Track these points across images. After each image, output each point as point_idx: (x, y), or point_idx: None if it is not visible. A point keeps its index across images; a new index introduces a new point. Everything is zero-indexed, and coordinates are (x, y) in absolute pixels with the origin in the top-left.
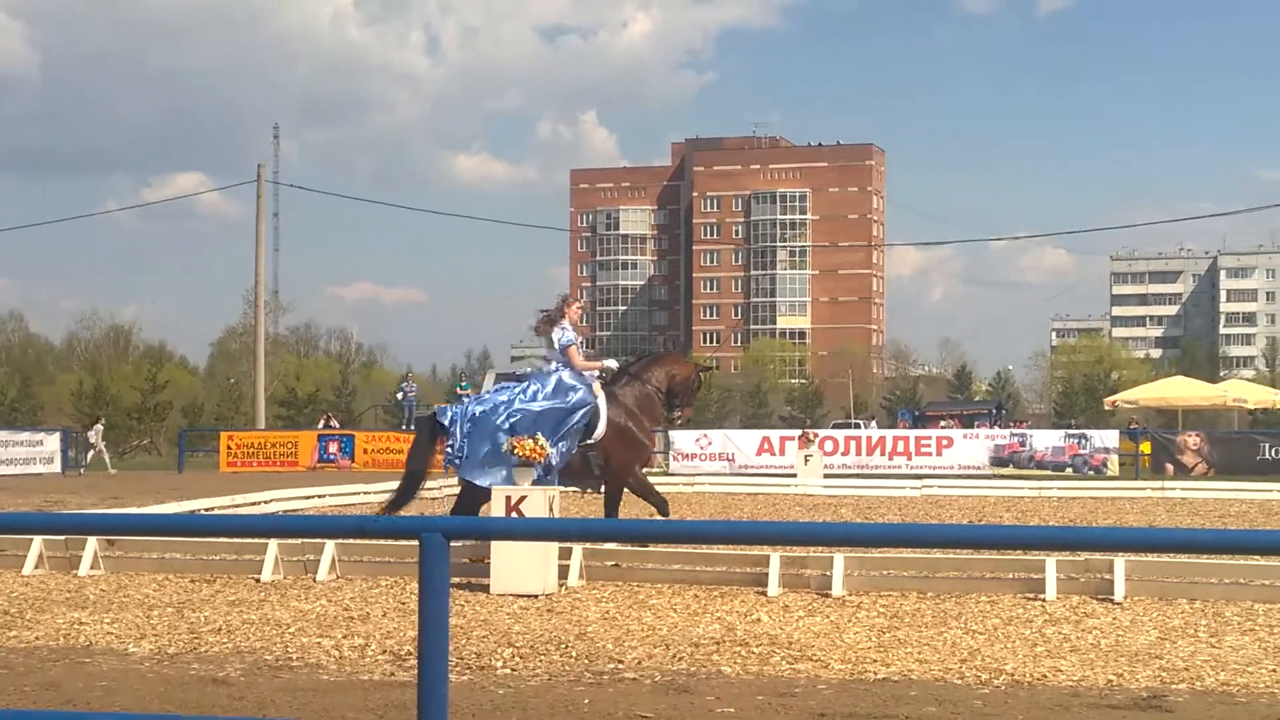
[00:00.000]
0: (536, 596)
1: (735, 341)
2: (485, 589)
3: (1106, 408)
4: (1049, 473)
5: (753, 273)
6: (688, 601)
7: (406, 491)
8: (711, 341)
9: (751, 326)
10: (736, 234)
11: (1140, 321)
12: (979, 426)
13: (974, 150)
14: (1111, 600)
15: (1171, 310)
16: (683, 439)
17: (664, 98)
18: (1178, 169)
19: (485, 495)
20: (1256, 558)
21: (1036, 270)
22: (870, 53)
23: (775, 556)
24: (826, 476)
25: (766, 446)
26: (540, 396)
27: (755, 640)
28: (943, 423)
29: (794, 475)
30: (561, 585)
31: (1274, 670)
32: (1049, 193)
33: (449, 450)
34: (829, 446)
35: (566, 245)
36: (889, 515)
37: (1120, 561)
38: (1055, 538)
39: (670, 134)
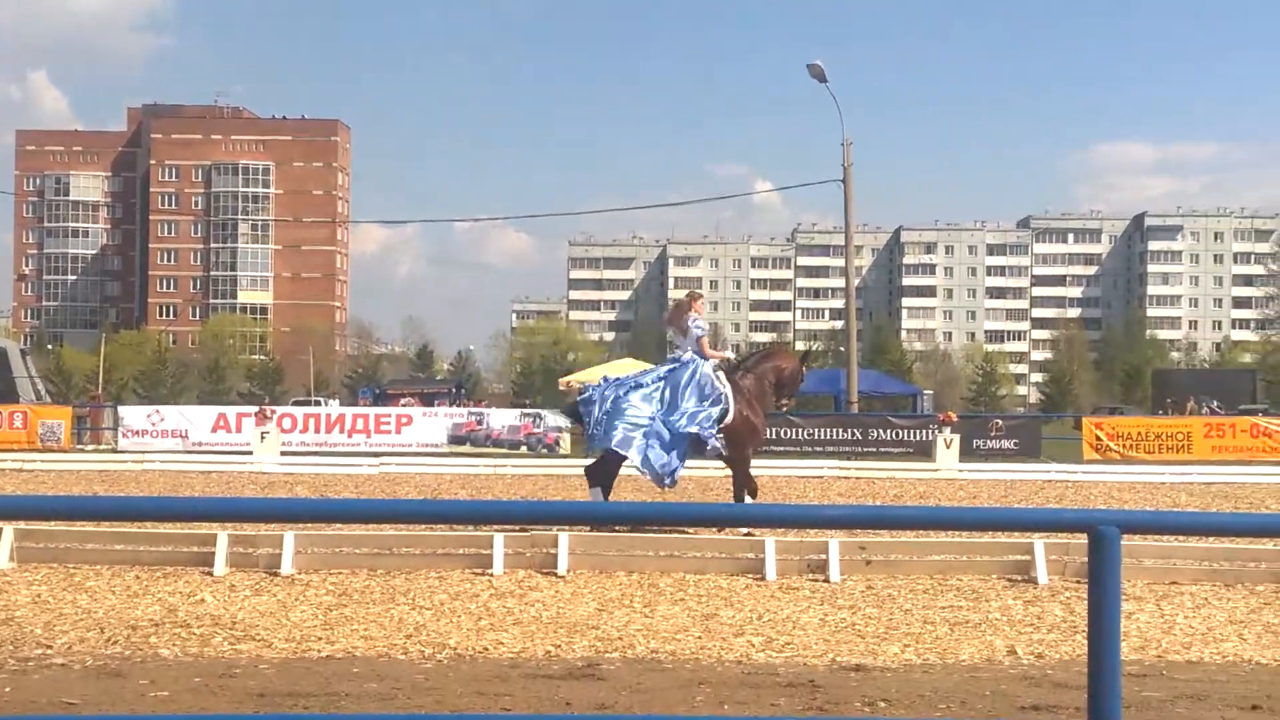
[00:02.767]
0: None
1: (193, 315)
2: None
3: (561, 388)
4: (505, 451)
5: (213, 245)
6: (128, 583)
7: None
8: (168, 315)
9: (211, 300)
10: (196, 205)
11: (595, 305)
12: (439, 405)
13: (444, 131)
14: (555, 574)
15: (624, 295)
16: (132, 415)
17: (121, 60)
18: (635, 160)
19: (617, 462)
20: (689, 530)
21: (500, 253)
22: (338, 27)
23: (223, 535)
24: (284, 454)
25: (223, 423)
26: (682, 386)
27: (197, 621)
28: (403, 401)
29: (250, 453)
30: None
31: (700, 637)
32: (515, 178)
33: (589, 426)
34: (287, 424)
35: (11, 210)
36: (344, 492)
37: (564, 536)
38: (505, 512)
39: (127, 99)
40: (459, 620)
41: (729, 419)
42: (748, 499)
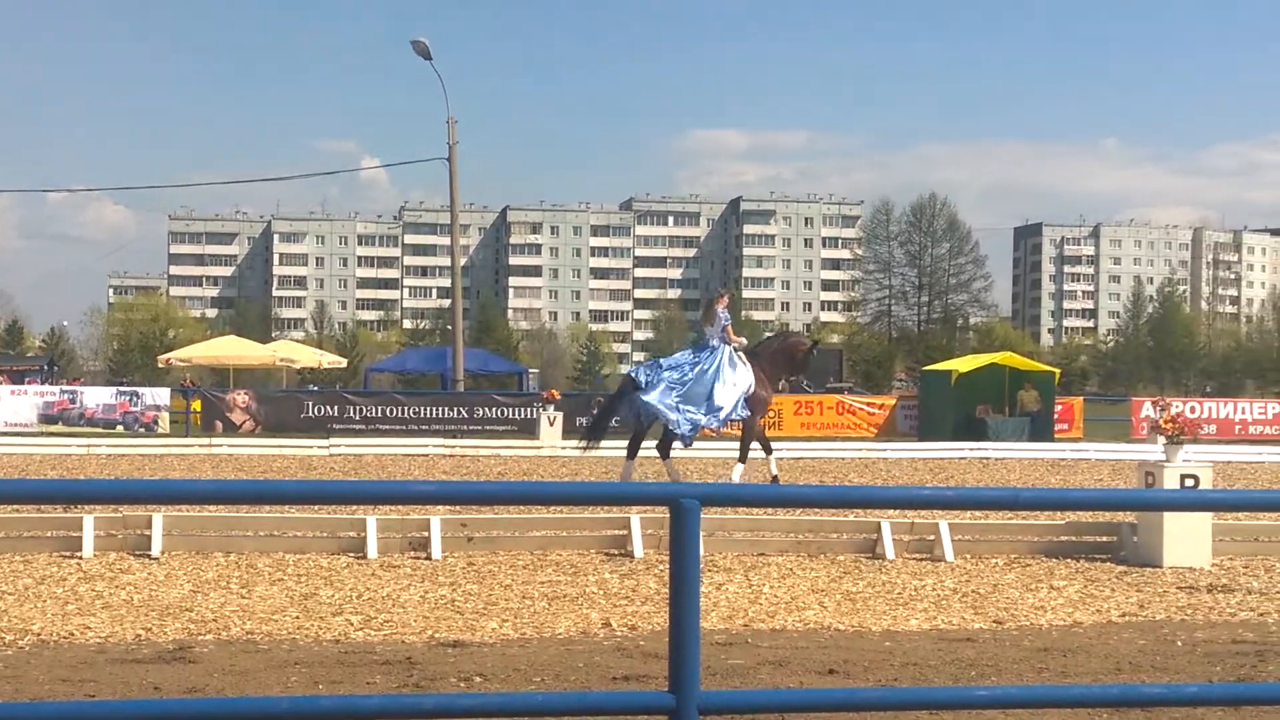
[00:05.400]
0: None
1: None
2: None
3: (161, 365)
4: (100, 430)
5: None
6: None
7: (598, 429)
8: None
9: None
10: None
11: (198, 281)
12: (29, 383)
13: (36, 98)
14: (149, 555)
15: (228, 271)
16: None
17: None
18: (238, 133)
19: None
20: (291, 509)
21: (96, 225)
22: None
23: None
24: None
25: None
26: (718, 367)
27: None
28: None
29: None
30: None
31: (297, 617)
32: (112, 148)
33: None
34: None
35: None
36: None
37: (159, 517)
38: (92, 492)
39: None
40: (44, 605)
41: (749, 390)
42: (774, 469)
